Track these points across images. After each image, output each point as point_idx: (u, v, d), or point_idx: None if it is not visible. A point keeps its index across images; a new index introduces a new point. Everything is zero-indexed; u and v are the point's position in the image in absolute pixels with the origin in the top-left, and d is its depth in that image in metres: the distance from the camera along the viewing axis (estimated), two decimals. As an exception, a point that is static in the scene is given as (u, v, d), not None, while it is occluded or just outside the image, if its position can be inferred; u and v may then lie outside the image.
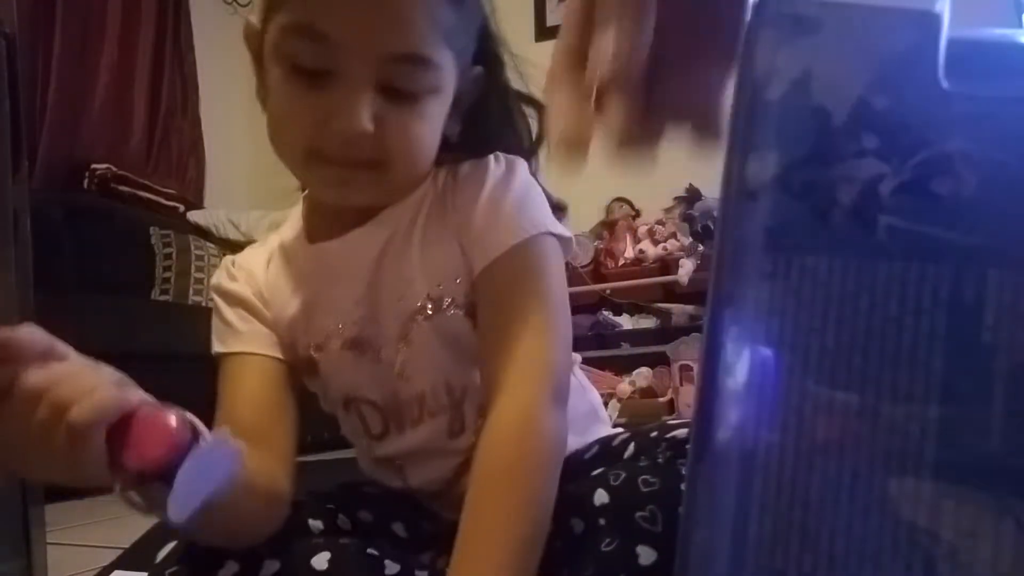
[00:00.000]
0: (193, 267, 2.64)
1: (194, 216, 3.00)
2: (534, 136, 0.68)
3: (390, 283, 0.64)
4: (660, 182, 2.89)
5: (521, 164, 0.64)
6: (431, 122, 0.60)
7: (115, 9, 3.01)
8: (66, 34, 2.76)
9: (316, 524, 0.63)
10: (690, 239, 2.75)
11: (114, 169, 2.78)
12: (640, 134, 0.32)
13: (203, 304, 2.58)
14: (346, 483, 0.72)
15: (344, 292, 0.65)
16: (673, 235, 2.83)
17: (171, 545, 0.60)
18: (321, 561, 0.58)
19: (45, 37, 2.70)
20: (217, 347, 0.67)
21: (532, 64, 0.67)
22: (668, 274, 2.78)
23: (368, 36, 0.55)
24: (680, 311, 2.85)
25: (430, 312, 0.62)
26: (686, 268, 2.72)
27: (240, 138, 3.75)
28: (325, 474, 0.72)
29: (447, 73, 0.60)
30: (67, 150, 2.73)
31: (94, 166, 2.75)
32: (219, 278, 0.70)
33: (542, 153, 0.68)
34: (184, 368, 2.11)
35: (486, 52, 0.66)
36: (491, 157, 0.64)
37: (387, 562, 0.61)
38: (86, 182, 2.73)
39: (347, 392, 0.68)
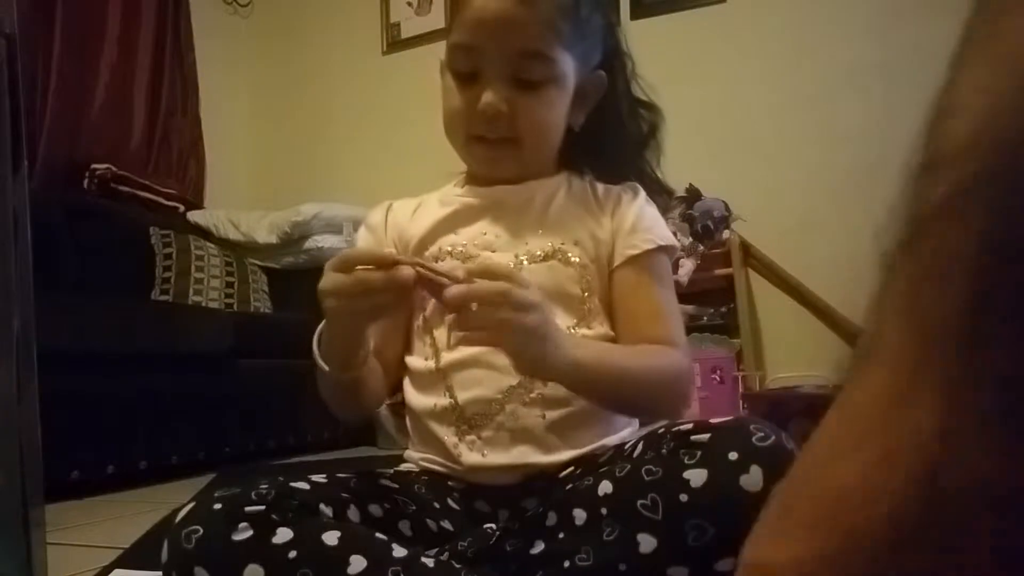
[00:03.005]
0: (193, 267, 2.64)
1: (194, 216, 3.00)
2: (643, 133, 0.86)
3: (521, 229, 0.79)
4: (660, 182, 2.90)
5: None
6: (553, 107, 0.77)
7: (115, 9, 3.01)
8: (66, 34, 2.76)
9: (326, 511, 0.66)
10: (690, 239, 2.75)
11: (114, 169, 2.78)
12: None
13: (203, 304, 2.58)
14: (366, 472, 0.75)
15: (479, 219, 0.80)
16: (673, 235, 2.82)
17: (189, 506, 0.63)
18: (332, 537, 0.61)
19: (45, 37, 2.70)
20: None
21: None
22: (668, 274, 2.78)
23: (500, 41, 0.74)
24: (680, 311, 2.85)
25: (541, 257, 0.77)
26: (686, 268, 2.72)
27: (240, 138, 3.75)
28: (326, 472, 0.73)
29: (564, 68, 0.76)
30: (67, 150, 2.73)
31: (94, 166, 2.75)
32: (371, 214, 0.88)
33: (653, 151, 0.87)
34: (184, 368, 2.11)
35: (611, 61, 0.83)
36: (637, 185, 0.83)
37: (395, 546, 0.64)
38: (86, 182, 2.73)
39: None
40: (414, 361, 0.81)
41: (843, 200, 2.77)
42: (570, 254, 0.77)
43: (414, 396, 0.79)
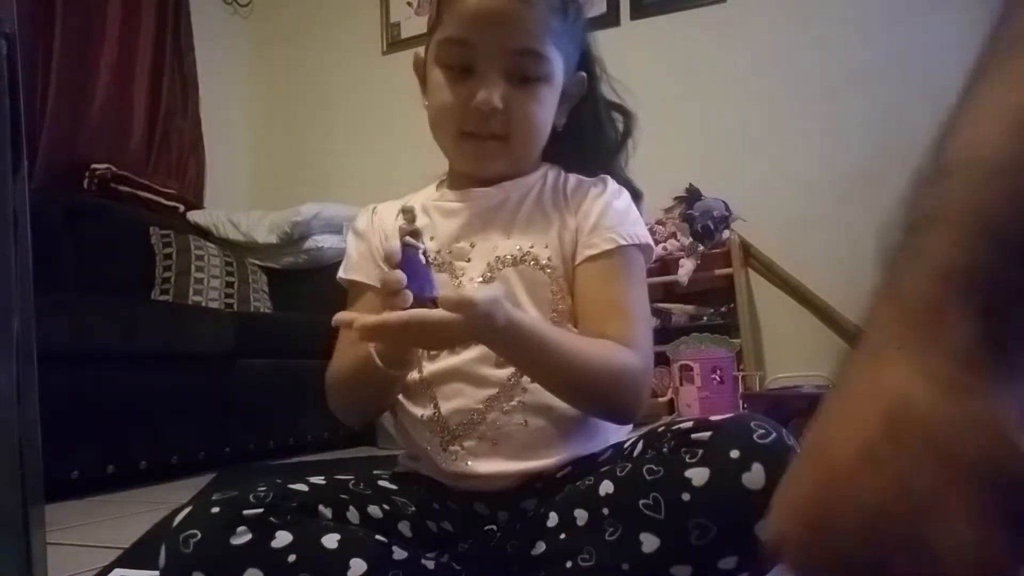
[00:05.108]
0: (193, 267, 2.64)
1: (194, 216, 3.00)
2: (619, 136, 0.86)
3: (491, 234, 0.78)
4: (660, 182, 2.89)
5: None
6: (544, 106, 0.77)
7: (115, 9, 3.01)
8: (66, 34, 2.76)
9: (326, 512, 0.66)
10: (690, 239, 2.75)
11: (114, 169, 2.78)
12: None
13: (203, 304, 2.58)
14: (365, 473, 0.75)
15: (451, 226, 0.79)
16: (673, 235, 2.82)
17: (187, 510, 0.62)
18: (331, 540, 0.62)
19: (45, 37, 2.70)
20: (340, 273, 0.84)
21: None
22: (668, 274, 2.78)
23: (498, 38, 0.73)
24: (680, 311, 2.85)
25: (512, 261, 0.76)
26: (686, 268, 2.72)
27: (240, 138, 3.75)
28: (325, 474, 0.73)
29: (556, 67, 0.76)
30: (67, 150, 2.73)
31: (94, 166, 2.75)
32: (357, 219, 0.87)
33: (624, 153, 0.86)
34: (184, 368, 2.11)
35: (587, 64, 0.83)
36: (608, 177, 0.81)
37: (395, 548, 0.64)
38: (86, 182, 2.73)
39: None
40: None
41: (843, 200, 2.77)
42: (540, 256, 0.76)
43: (404, 405, 0.78)
